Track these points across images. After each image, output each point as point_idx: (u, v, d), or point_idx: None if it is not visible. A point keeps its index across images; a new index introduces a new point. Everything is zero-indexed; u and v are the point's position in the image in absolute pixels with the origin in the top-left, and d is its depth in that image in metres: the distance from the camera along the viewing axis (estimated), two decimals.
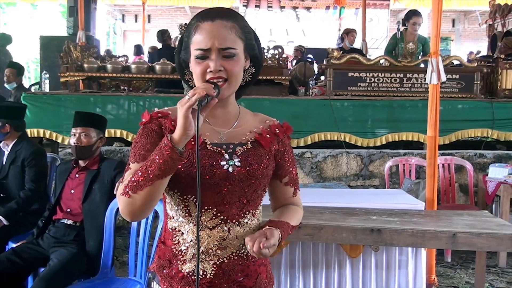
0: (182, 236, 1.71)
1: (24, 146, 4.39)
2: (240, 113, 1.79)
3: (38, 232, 3.75)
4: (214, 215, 1.68)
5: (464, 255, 5.47)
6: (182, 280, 1.70)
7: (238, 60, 1.66)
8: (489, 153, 6.18)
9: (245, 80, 1.77)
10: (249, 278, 1.73)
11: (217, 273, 1.69)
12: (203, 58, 1.64)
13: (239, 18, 1.71)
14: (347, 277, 3.55)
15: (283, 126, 1.84)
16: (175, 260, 1.71)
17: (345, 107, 6.49)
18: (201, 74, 1.65)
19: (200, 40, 1.64)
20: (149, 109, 5.88)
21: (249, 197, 1.71)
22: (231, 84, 1.67)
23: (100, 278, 3.49)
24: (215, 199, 1.67)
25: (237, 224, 1.70)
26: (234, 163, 1.67)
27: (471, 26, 17.51)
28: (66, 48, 6.95)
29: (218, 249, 1.68)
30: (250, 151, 1.71)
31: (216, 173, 1.65)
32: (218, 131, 1.73)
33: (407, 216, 3.55)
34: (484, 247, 3.30)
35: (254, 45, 1.75)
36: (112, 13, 17.80)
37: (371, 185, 6.03)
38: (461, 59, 6.75)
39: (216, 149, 1.68)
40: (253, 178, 1.69)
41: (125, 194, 1.57)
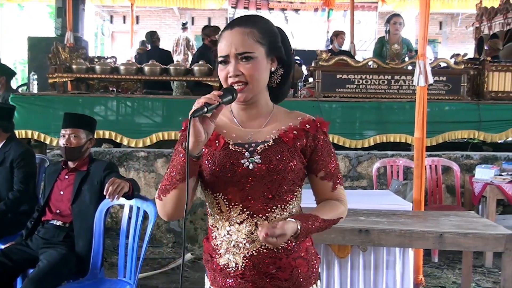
0: (218, 231, 1.83)
1: (13, 147, 4.37)
2: (272, 112, 1.87)
3: (27, 233, 3.74)
4: (241, 211, 1.77)
5: (451, 255, 5.52)
6: (221, 273, 1.83)
7: (256, 64, 1.75)
8: (476, 155, 6.24)
9: (275, 82, 1.86)
10: (282, 271, 1.79)
11: (248, 265, 1.78)
12: (224, 64, 1.77)
13: (260, 23, 1.80)
14: (335, 277, 3.57)
15: (316, 121, 1.86)
16: (214, 254, 1.84)
17: (333, 109, 6.53)
18: (224, 79, 1.78)
19: (221, 48, 1.77)
20: (137, 111, 5.86)
21: (274, 192, 1.77)
22: (252, 87, 1.76)
23: (89, 279, 3.50)
24: (240, 195, 1.76)
25: (264, 218, 1.77)
26: (254, 160, 1.76)
27: (458, 28, 17.62)
28: (55, 49, 6.93)
29: (247, 242, 1.77)
30: (271, 148, 1.78)
31: (237, 171, 1.76)
32: (247, 132, 1.83)
33: (395, 217, 3.58)
34: (470, 247, 3.35)
35: (279, 47, 1.83)
36: (100, 14, 17.74)
37: (359, 186, 6.07)
38: (448, 61, 6.81)
39: (238, 148, 1.79)
40: (274, 174, 1.76)
41: (158, 198, 1.78)
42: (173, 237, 6.01)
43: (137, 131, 6.46)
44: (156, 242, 5.95)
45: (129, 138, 6.37)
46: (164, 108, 6.58)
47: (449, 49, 17.08)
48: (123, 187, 3.23)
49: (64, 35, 8.35)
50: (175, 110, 6.55)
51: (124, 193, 3.26)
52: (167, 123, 6.50)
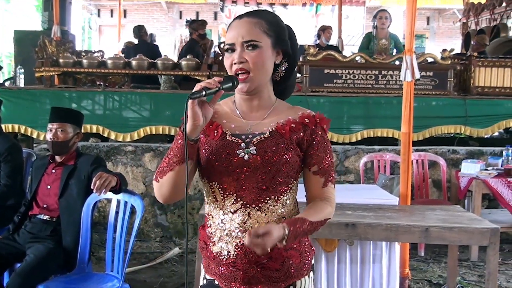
0: (212, 219, 1.86)
1: (0, 141, 4.35)
2: (274, 105, 1.89)
3: (14, 227, 3.72)
4: (235, 200, 1.80)
5: (437, 249, 5.57)
6: (214, 260, 1.86)
7: (261, 53, 1.79)
8: (462, 149, 6.28)
9: (279, 75, 1.90)
10: (273, 261, 1.81)
11: (239, 254, 1.81)
12: (231, 52, 1.81)
13: (268, 16, 1.85)
14: (322, 271, 3.60)
15: (315, 116, 1.88)
16: (209, 242, 1.88)
17: (321, 104, 6.54)
18: (229, 67, 1.81)
19: (229, 37, 1.82)
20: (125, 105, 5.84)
21: (268, 184, 1.79)
22: (255, 76, 1.79)
23: (77, 273, 3.49)
24: (235, 185, 1.80)
25: (257, 209, 1.80)
26: (250, 151, 1.79)
27: (445, 24, 17.71)
28: (41, 43, 6.90)
29: (239, 231, 1.80)
30: (267, 140, 1.80)
31: (232, 161, 1.78)
32: (247, 123, 1.86)
33: (381, 211, 3.61)
34: (455, 241, 3.39)
35: (286, 41, 1.87)
36: (87, 7, 17.64)
37: (346, 180, 6.09)
38: (435, 56, 6.84)
39: (234, 139, 1.81)
40: (269, 165, 1.78)
41: (155, 179, 1.81)
42: (160, 231, 6.01)
43: (124, 125, 6.45)
44: (144, 236, 5.95)
45: (117, 133, 6.36)
46: (152, 102, 6.57)
47: (437, 44, 17.17)
48: (110, 181, 3.23)
49: (51, 28, 8.31)
50: (162, 104, 6.54)
51: (112, 187, 3.26)
52: (155, 117, 6.49)
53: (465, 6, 10.29)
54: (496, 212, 5.81)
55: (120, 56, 7.36)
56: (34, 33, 8.90)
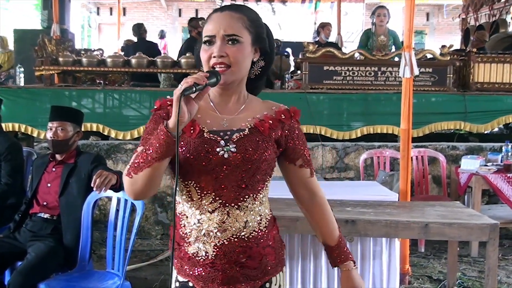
0: (187, 219, 1.80)
1: (0, 140, 4.36)
2: (247, 100, 1.87)
3: (15, 226, 3.74)
4: (213, 199, 1.75)
5: (437, 245, 5.58)
6: (189, 261, 1.81)
7: (242, 48, 1.75)
8: (462, 145, 6.29)
9: (254, 73, 1.88)
10: (252, 259, 1.80)
11: (218, 254, 1.77)
12: (209, 45, 1.76)
13: (250, 12, 1.82)
14: (322, 267, 3.61)
15: (290, 111, 1.88)
16: (183, 242, 1.82)
17: (320, 101, 6.55)
18: (207, 60, 1.76)
19: (208, 28, 1.77)
20: (124, 103, 5.85)
21: (247, 182, 1.77)
22: (234, 71, 1.75)
23: (78, 271, 3.51)
24: (213, 184, 1.74)
25: (236, 207, 1.77)
26: (230, 149, 1.74)
27: (445, 19, 17.70)
28: (41, 42, 6.90)
29: (218, 231, 1.76)
30: (246, 137, 1.77)
31: (212, 160, 1.73)
32: (222, 117, 1.81)
33: (381, 208, 3.62)
34: (455, 236, 3.40)
35: (264, 39, 1.85)
36: (86, 6, 17.64)
37: (346, 177, 6.10)
38: (434, 52, 6.84)
39: (213, 136, 1.76)
40: (249, 163, 1.75)
41: (128, 175, 1.69)
42: (161, 229, 6.02)
43: (124, 124, 6.46)
44: (144, 234, 5.96)
45: (117, 131, 6.36)
46: (152, 100, 6.56)
47: (436, 40, 17.16)
48: (110, 179, 3.24)
49: (50, 27, 8.31)
50: None
51: (112, 185, 3.26)
52: None
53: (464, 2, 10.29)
54: (496, 208, 5.81)
55: (119, 55, 7.35)
56: (34, 32, 8.88)
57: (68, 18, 9.61)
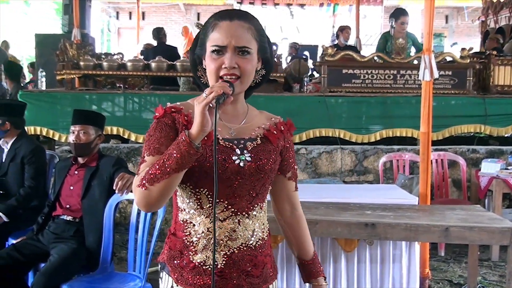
0: (194, 227, 1.78)
1: (24, 143, 4.43)
2: (248, 110, 1.88)
3: (38, 228, 3.80)
4: (225, 208, 1.75)
5: (458, 249, 5.54)
6: (193, 270, 1.77)
7: (251, 60, 1.75)
8: (482, 149, 6.25)
9: (255, 81, 1.85)
10: (256, 268, 1.81)
11: (228, 263, 1.76)
12: (219, 55, 1.72)
13: (255, 21, 1.80)
14: (342, 271, 3.60)
15: (287, 123, 1.91)
16: (186, 251, 1.78)
17: (339, 104, 6.55)
18: (215, 70, 1.72)
19: (217, 37, 1.72)
20: (144, 107, 5.90)
21: (258, 191, 1.79)
22: (243, 82, 1.74)
23: (99, 273, 3.55)
24: (227, 192, 1.74)
25: (246, 216, 1.78)
26: (245, 157, 1.75)
27: (464, 22, 17.57)
28: (62, 46, 6.98)
29: (228, 240, 1.76)
30: (260, 147, 1.79)
31: (228, 168, 1.72)
32: (229, 126, 1.81)
33: (401, 211, 3.61)
34: (476, 240, 3.37)
35: (266, 48, 1.83)
36: (106, 10, 17.79)
37: (365, 180, 6.09)
38: (454, 55, 6.81)
39: (228, 144, 1.76)
40: (262, 172, 1.77)
41: (141, 186, 1.63)
42: None
43: (144, 127, 6.49)
44: (164, 237, 5.95)
45: (137, 134, 6.42)
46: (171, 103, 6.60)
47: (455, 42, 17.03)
48: (132, 182, 3.27)
49: (71, 32, 8.40)
50: None
51: None
52: None
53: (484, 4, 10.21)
54: None
55: (139, 59, 7.42)
56: (55, 36, 9.00)
57: (89, 22, 9.70)
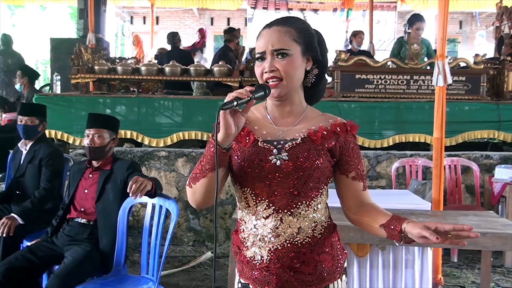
0: (245, 224, 1.89)
1: (43, 146, 4.50)
2: (305, 112, 1.92)
3: (52, 230, 3.83)
4: (267, 206, 1.83)
5: (471, 255, 5.52)
6: (248, 264, 1.89)
7: (291, 61, 1.80)
8: (495, 155, 6.22)
9: (310, 81, 1.92)
10: (306, 265, 1.84)
11: (272, 258, 1.83)
12: (261, 61, 1.83)
13: (297, 23, 1.86)
14: (354, 276, 3.60)
15: (346, 124, 1.92)
16: (242, 247, 1.91)
17: (352, 109, 6.55)
18: (260, 75, 1.84)
19: (258, 45, 1.84)
20: (158, 111, 5.92)
21: (300, 189, 1.82)
22: (288, 83, 1.81)
23: (113, 276, 3.57)
24: (267, 190, 1.82)
25: (289, 214, 1.82)
26: (282, 157, 1.81)
27: (478, 28, 17.48)
28: (77, 50, 7.05)
29: (272, 236, 1.83)
30: (299, 146, 1.83)
31: (264, 167, 1.81)
32: (278, 129, 1.88)
33: (414, 216, 3.57)
34: (489, 246, 3.36)
35: (315, 47, 1.89)
36: (120, 15, 17.89)
37: (378, 186, 6.08)
38: (467, 61, 6.78)
39: (266, 145, 1.84)
40: (301, 171, 1.80)
41: (188, 185, 1.84)
42: (193, 235, 6.08)
43: (158, 131, 6.55)
44: (176, 240, 6.02)
45: (150, 138, 6.46)
46: (185, 108, 6.66)
47: (469, 48, 16.96)
48: (146, 185, 3.29)
49: (85, 36, 8.48)
50: (195, 110, 6.62)
51: (147, 191, 3.32)
52: (188, 123, 6.58)
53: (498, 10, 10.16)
54: None
55: (153, 63, 7.47)
56: (70, 40, 9.09)
57: (103, 27, 9.78)
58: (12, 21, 17.86)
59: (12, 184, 4.61)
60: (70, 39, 9.54)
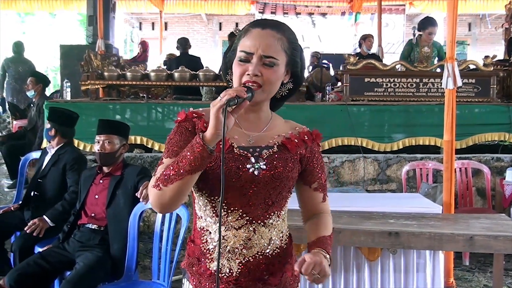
0: (210, 235, 1.79)
1: (68, 151, 4.53)
2: (271, 118, 1.86)
3: (63, 236, 3.85)
4: (240, 216, 1.75)
5: (482, 258, 5.48)
6: (210, 277, 1.78)
7: (276, 71, 1.74)
8: (506, 157, 6.19)
9: (281, 93, 1.84)
10: (274, 276, 1.80)
11: (243, 271, 1.76)
12: (245, 61, 1.73)
13: (289, 33, 1.80)
14: (365, 280, 3.59)
15: (312, 133, 1.89)
16: (203, 258, 1.80)
17: (361, 112, 6.54)
18: (240, 75, 1.73)
19: (246, 44, 1.74)
20: (167, 116, 5.94)
21: (274, 199, 1.77)
22: (265, 91, 1.74)
23: (124, 281, 3.58)
24: (241, 200, 1.73)
25: (262, 224, 1.77)
26: (260, 166, 1.74)
27: (487, 29, 17.41)
28: (87, 57, 7.08)
29: (244, 248, 1.76)
30: (276, 154, 1.78)
31: (242, 176, 1.72)
32: (248, 134, 1.80)
33: (425, 220, 3.59)
34: (501, 249, 3.34)
35: (297, 62, 1.82)
36: (129, 21, 17.97)
37: (388, 189, 6.07)
38: (477, 63, 6.76)
39: (243, 152, 1.75)
40: (278, 181, 1.75)
41: (156, 187, 1.66)
42: None
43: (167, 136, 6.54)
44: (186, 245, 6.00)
45: (160, 143, 6.48)
46: None
47: (479, 50, 16.91)
48: None
49: (95, 42, 8.52)
50: None
51: None
52: None
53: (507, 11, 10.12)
54: None
55: (163, 69, 7.49)
56: (79, 47, 9.12)
57: (113, 33, 9.82)
58: (22, 28, 17.98)
59: (32, 186, 4.63)
60: (80, 45, 9.57)
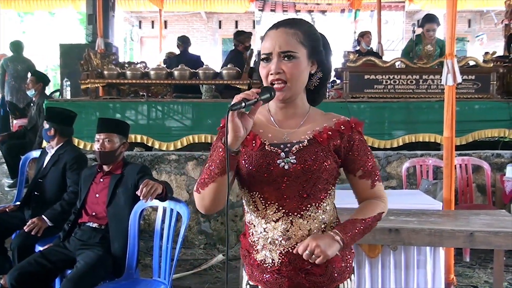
0: (254, 228, 1.90)
1: (68, 151, 4.53)
2: (308, 113, 1.91)
3: (64, 235, 3.86)
4: (276, 209, 1.83)
5: (483, 254, 5.49)
6: (258, 268, 1.89)
7: (297, 64, 1.81)
8: (507, 153, 6.19)
9: (313, 84, 1.90)
10: (317, 266, 1.84)
11: (284, 261, 1.84)
12: (266, 62, 1.83)
13: (304, 26, 1.86)
14: (366, 276, 3.59)
15: (350, 122, 1.92)
16: (251, 250, 1.92)
17: (361, 109, 6.54)
18: (265, 76, 1.84)
19: (265, 46, 1.84)
20: (167, 114, 5.92)
21: (309, 191, 1.82)
22: (292, 86, 1.81)
23: (125, 279, 3.59)
24: (276, 194, 1.82)
25: (299, 216, 1.83)
26: (290, 160, 1.81)
27: (487, 26, 17.41)
28: (87, 56, 7.06)
29: (282, 239, 1.83)
30: (306, 148, 1.83)
31: (273, 171, 1.81)
32: (283, 131, 1.88)
33: (425, 216, 3.59)
34: (501, 245, 3.35)
35: (321, 51, 1.89)
36: (129, 19, 17.95)
37: (388, 186, 6.07)
38: (477, 59, 6.75)
39: (274, 149, 1.84)
40: (309, 173, 1.80)
41: (197, 191, 1.83)
42: (204, 238, 6.09)
43: (168, 135, 6.56)
44: (188, 243, 6.03)
45: (160, 142, 6.48)
46: (194, 111, 6.67)
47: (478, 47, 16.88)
48: (156, 189, 3.31)
49: (95, 41, 8.50)
50: (204, 113, 6.63)
51: (158, 194, 3.34)
52: (197, 126, 6.59)
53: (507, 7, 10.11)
54: None
55: (162, 67, 7.48)
56: (79, 46, 9.10)
57: (112, 32, 9.80)
58: (22, 28, 17.97)
59: (32, 186, 4.63)
60: (79, 44, 9.56)
